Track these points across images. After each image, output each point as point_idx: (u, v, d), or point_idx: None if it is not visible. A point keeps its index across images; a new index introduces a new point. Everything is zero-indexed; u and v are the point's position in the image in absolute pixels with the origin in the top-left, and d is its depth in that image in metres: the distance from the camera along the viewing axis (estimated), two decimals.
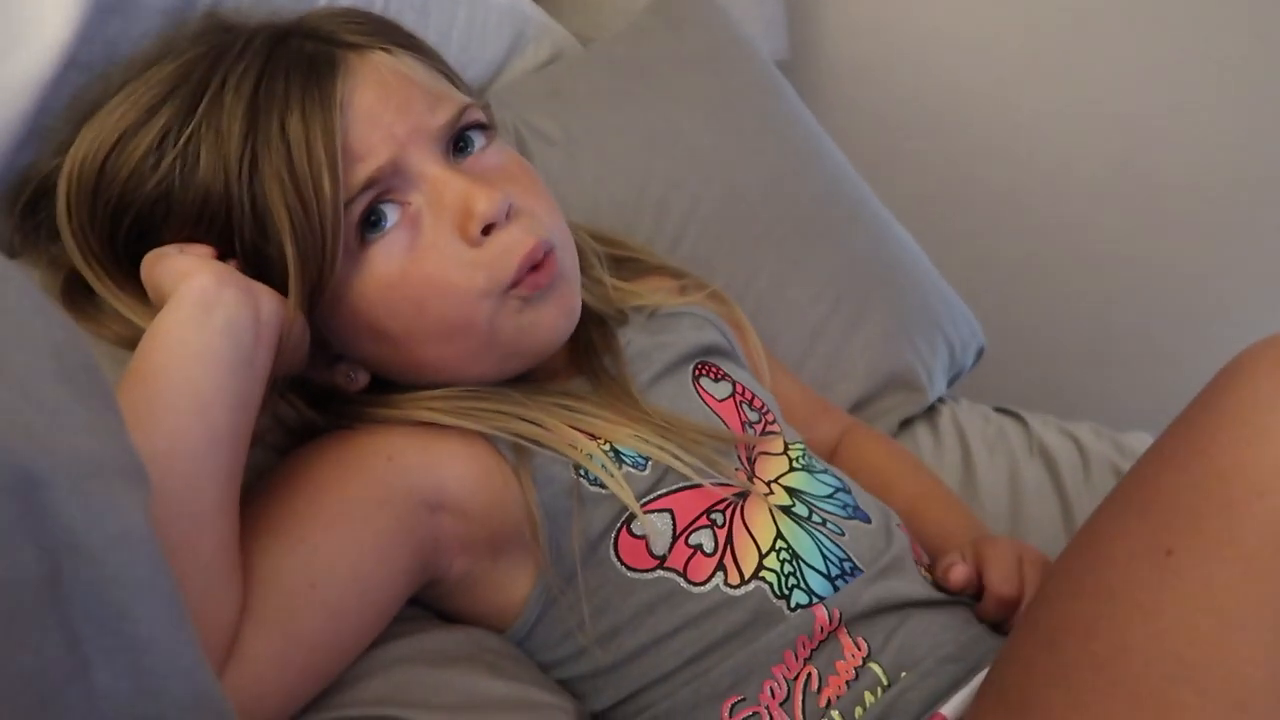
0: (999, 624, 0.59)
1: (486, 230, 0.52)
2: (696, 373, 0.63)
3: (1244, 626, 0.41)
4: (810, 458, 0.62)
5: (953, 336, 0.90)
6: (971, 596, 0.59)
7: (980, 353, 0.96)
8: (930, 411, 0.88)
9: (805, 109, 0.91)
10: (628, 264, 0.72)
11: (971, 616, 0.59)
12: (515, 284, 0.53)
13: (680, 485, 0.55)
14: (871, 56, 1.28)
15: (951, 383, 0.94)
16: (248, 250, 0.51)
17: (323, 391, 0.55)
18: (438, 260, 0.52)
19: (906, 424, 0.86)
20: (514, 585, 0.53)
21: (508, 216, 0.53)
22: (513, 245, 0.53)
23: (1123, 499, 0.48)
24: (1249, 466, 0.42)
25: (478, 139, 0.56)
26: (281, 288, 0.50)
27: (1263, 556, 0.42)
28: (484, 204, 0.52)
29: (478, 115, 0.57)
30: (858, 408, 0.83)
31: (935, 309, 0.88)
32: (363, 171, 0.51)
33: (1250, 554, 0.42)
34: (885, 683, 0.54)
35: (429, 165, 0.53)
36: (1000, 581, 0.57)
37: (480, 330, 0.53)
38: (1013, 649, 0.50)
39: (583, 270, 0.62)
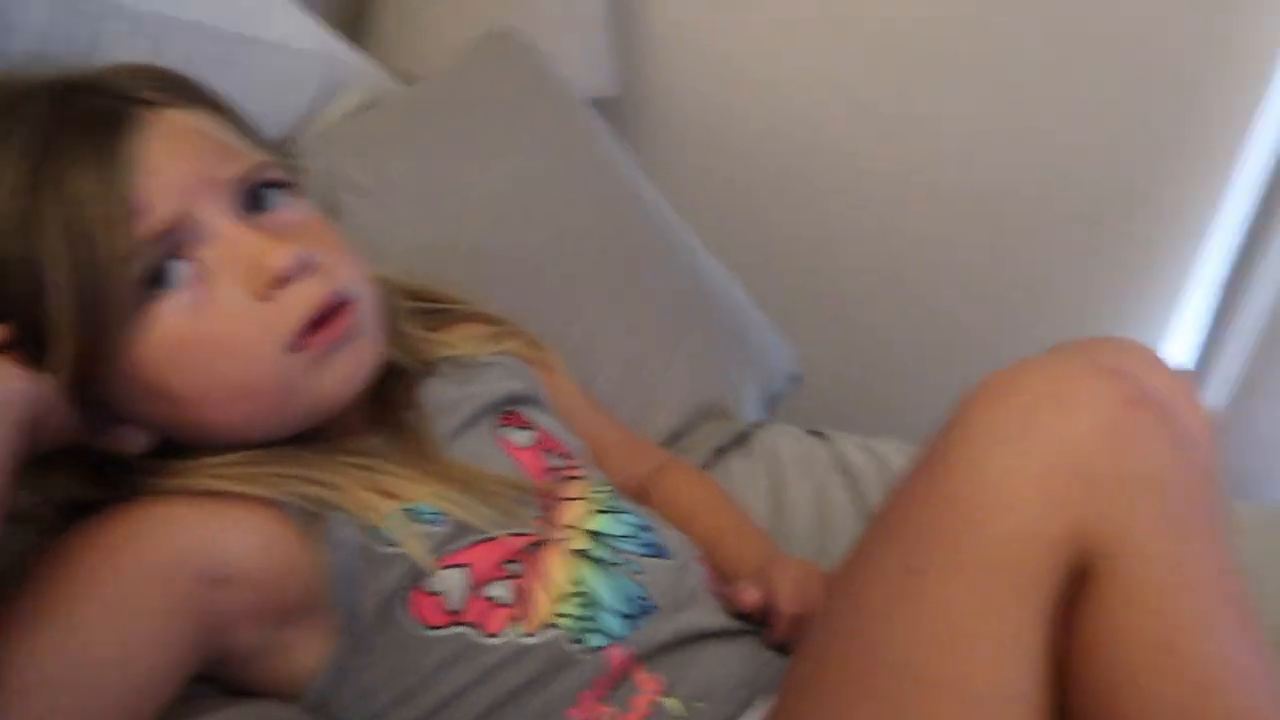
0: (788, 648, 0.63)
1: (279, 285, 0.52)
2: (500, 422, 0.64)
3: (973, 637, 0.47)
4: (614, 499, 0.65)
5: (765, 364, 0.95)
6: (761, 623, 0.63)
7: (794, 378, 1.01)
8: (744, 438, 0.92)
9: (620, 149, 0.94)
10: (440, 314, 0.73)
11: (762, 644, 0.62)
12: (304, 339, 0.53)
13: (476, 538, 0.57)
14: (701, 89, 1.33)
15: (769, 408, 0.99)
16: (21, 313, 0.49)
17: (102, 460, 0.54)
18: (226, 317, 0.52)
19: (722, 452, 0.91)
20: (307, 652, 0.54)
21: (301, 271, 0.53)
22: (303, 298, 0.53)
23: (879, 521, 0.52)
24: (977, 488, 0.47)
25: (275, 197, 0.56)
26: (56, 350, 0.49)
27: (986, 573, 0.47)
28: (276, 258, 0.52)
29: (275, 173, 0.57)
30: (673, 439, 0.87)
31: (748, 339, 0.93)
32: (148, 225, 0.50)
33: (979, 570, 0.47)
34: (684, 715, 0.57)
35: (220, 220, 0.52)
36: (786, 601, 0.61)
37: (270, 389, 0.53)
38: (792, 668, 0.54)
39: (387, 324, 0.62)
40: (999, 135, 1.24)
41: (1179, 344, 1.28)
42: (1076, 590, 0.47)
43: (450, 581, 0.55)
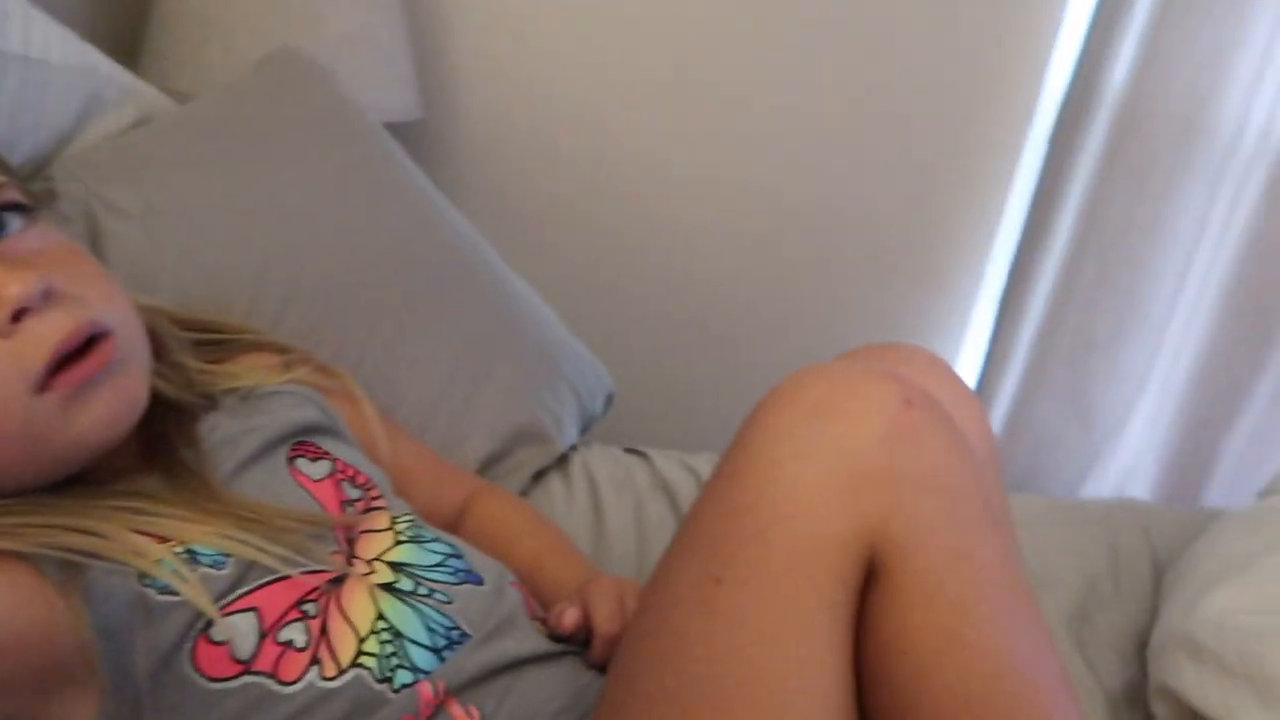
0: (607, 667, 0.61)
1: (18, 317, 0.47)
2: (292, 454, 0.60)
3: (774, 642, 0.47)
4: (419, 528, 0.62)
5: (579, 385, 0.94)
6: (584, 644, 0.62)
7: (610, 398, 1.01)
8: (563, 460, 0.91)
9: (419, 173, 0.92)
10: (222, 344, 0.68)
11: (583, 665, 0.61)
12: (53, 375, 0.48)
13: (266, 579, 0.52)
14: (508, 115, 1.32)
15: (585, 429, 0.99)
16: None
17: None
18: None
19: (540, 475, 0.89)
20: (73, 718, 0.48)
21: (45, 301, 0.48)
22: (48, 331, 0.48)
23: (682, 534, 0.52)
24: (770, 495, 0.48)
25: (13, 221, 0.52)
26: None
27: (788, 576, 0.47)
28: (14, 287, 0.47)
29: (12, 195, 0.52)
30: (488, 466, 0.84)
31: (559, 361, 0.92)
32: None
33: (778, 575, 0.47)
34: None
35: None
36: (604, 621, 0.60)
37: (16, 435, 0.48)
38: (606, 688, 0.53)
39: (158, 356, 0.58)
40: (793, 163, 1.30)
41: (967, 357, 1.38)
42: (869, 588, 0.48)
43: (237, 628, 0.51)
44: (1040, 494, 1.22)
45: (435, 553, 0.61)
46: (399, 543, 0.60)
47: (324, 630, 0.53)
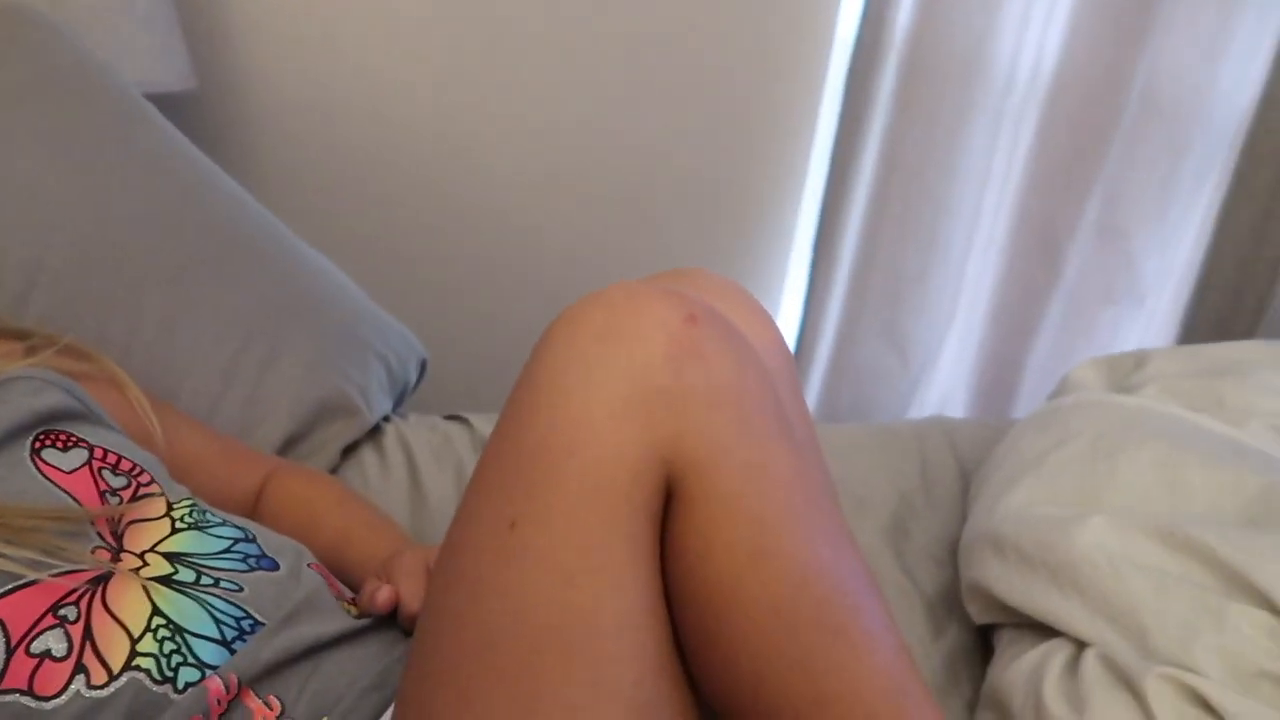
0: None
1: None
2: (36, 445, 0.54)
3: (581, 581, 0.44)
4: (202, 513, 0.57)
5: (387, 354, 0.89)
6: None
7: (424, 365, 0.96)
8: (375, 433, 0.87)
9: (182, 136, 0.84)
10: None
11: (399, 637, 0.57)
12: None
13: (10, 587, 0.46)
14: (292, 82, 1.24)
15: (401, 400, 0.94)
16: None
17: None
18: None
19: (351, 450, 0.84)
20: None
21: None
22: None
23: (475, 478, 0.49)
24: (559, 428, 0.45)
25: None
26: None
27: (584, 511, 0.45)
28: None
29: None
30: (291, 445, 0.79)
31: (362, 330, 0.87)
32: None
33: (573, 511, 0.45)
34: None
35: None
36: (410, 597, 0.56)
37: None
38: (410, 658, 0.50)
39: None
40: (598, 116, 1.28)
41: (789, 303, 1.40)
42: (669, 512, 0.47)
43: None
44: (861, 423, 1.27)
45: (221, 538, 0.56)
46: (176, 531, 0.54)
47: (87, 635, 0.47)
